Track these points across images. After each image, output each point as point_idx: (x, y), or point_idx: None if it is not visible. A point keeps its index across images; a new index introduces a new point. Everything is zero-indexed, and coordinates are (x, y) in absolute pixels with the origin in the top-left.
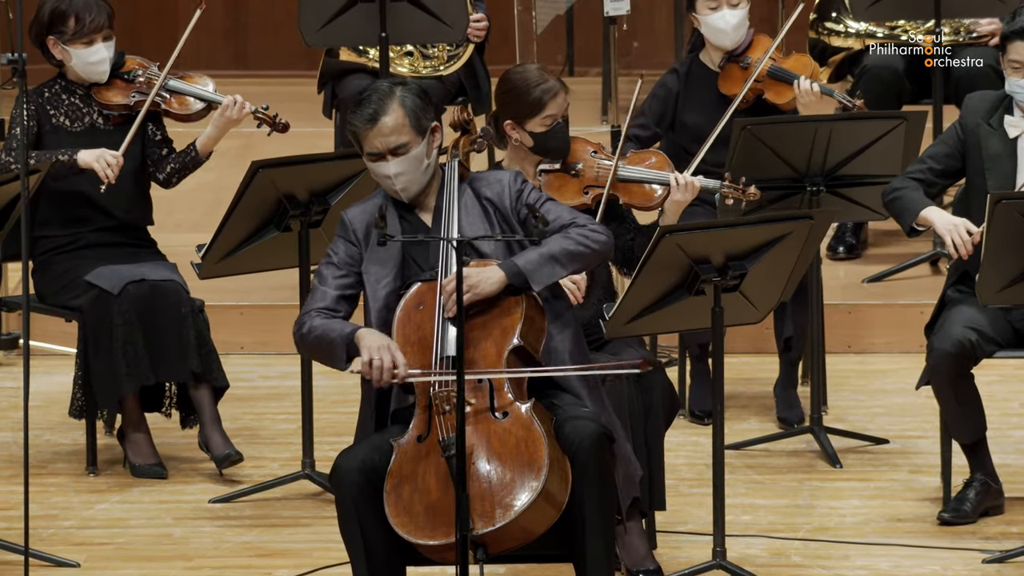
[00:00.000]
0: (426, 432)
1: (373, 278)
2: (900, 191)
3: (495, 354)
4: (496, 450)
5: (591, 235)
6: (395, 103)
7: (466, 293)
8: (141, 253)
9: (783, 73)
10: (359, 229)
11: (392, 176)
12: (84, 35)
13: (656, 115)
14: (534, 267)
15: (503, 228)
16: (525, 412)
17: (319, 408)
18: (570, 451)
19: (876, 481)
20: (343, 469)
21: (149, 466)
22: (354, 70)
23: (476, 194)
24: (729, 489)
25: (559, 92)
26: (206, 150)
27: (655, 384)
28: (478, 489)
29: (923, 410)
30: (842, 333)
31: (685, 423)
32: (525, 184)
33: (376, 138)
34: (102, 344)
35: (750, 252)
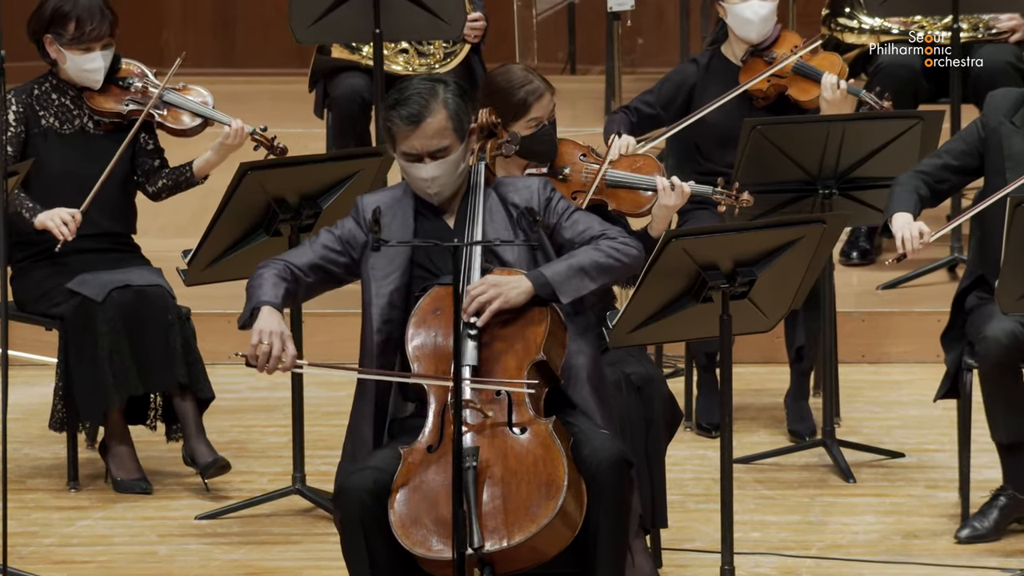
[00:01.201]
0: (438, 442)
1: (380, 273)
2: (899, 187)
3: (515, 367)
4: (512, 467)
5: (622, 247)
6: (439, 104)
7: (492, 301)
8: (124, 259)
9: (809, 70)
10: (370, 216)
11: (429, 179)
12: (83, 42)
13: (665, 97)
14: (562, 279)
15: (527, 236)
16: (545, 429)
17: (310, 420)
18: (588, 473)
19: (891, 497)
20: (352, 489)
21: (133, 481)
22: (347, 68)
23: (502, 199)
24: (738, 505)
25: (544, 93)
26: (203, 173)
27: (656, 395)
28: (491, 506)
29: (940, 422)
30: (856, 342)
31: (692, 436)
32: (554, 192)
33: (417, 139)
34: (86, 354)
35: (760, 257)
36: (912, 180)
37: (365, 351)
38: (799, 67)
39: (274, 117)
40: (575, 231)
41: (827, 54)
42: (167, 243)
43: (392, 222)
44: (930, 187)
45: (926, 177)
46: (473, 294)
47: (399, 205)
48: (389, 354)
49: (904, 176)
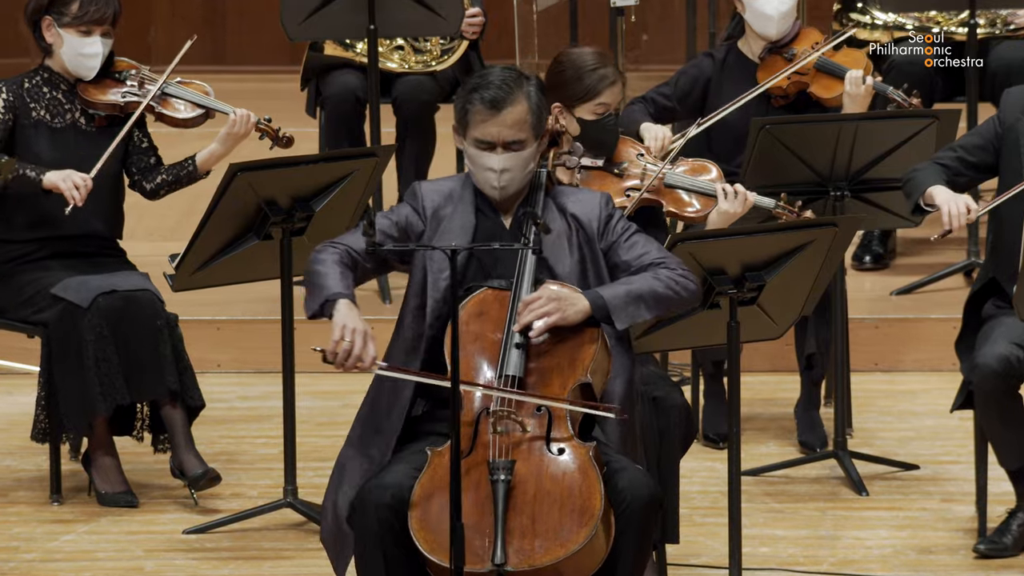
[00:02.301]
0: (469, 449)
1: (436, 267)
2: (917, 171)
3: (559, 386)
4: (547, 487)
5: (681, 280)
6: (522, 94)
7: (550, 315)
8: (109, 263)
9: (833, 66)
10: (429, 206)
11: (497, 171)
12: (84, 23)
13: (681, 91)
14: (620, 304)
15: (583, 251)
16: (586, 454)
17: (302, 431)
18: (619, 507)
19: (905, 510)
20: (370, 506)
21: (118, 494)
22: (340, 65)
23: (560, 208)
24: (746, 519)
25: (616, 81)
26: (206, 167)
27: (671, 406)
28: (519, 523)
29: (956, 433)
30: (868, 350)
31: (699, 447)
32: (615, 210)
33: (495, 126)
34: (70, 361)
35: (769, 262)
36: (931, 166)
37: (403, 342)
38: (822, 64)
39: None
40: (633, 254)
41: (850, 50)
42: (153, 247)
43: (452, 216)
44: (949, 177)
45: (944, 168)
46: (532, 306)
47: (460, 200)
48: (437, 352)
49: (921, 164)
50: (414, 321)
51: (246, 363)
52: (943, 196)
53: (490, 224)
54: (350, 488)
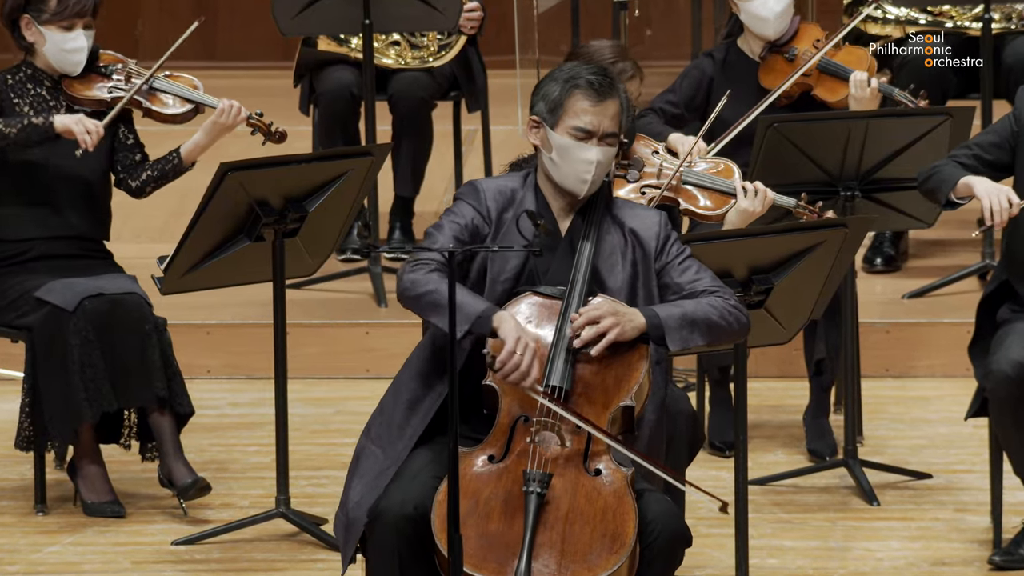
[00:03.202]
0: (502, 455)
1: (496, 268)
2: (938, 167)
3: (602, 404)
4: (581, 507)
5: (735, 312)
6: (618, 91)
7: (610, 330)
8: (96, 265)
9: (836, 67)
10: (493, 208)
11: (593, 163)
12: (65, 17)
13: (686, 96)
14: (675, 325)
15: (637, 267)
16: (624, 481)
17: (295, 439)
18: (647, 537)
19: (918, 521)
20: (389, 515)
21: (104, 504)
22: (334, 61)
23: (619, 223)
24: (753, 529)
25: (635, 76)
26: (191, 158)
27: (678, 413)
28: (549, 540)
29: (970, 441)
30: (880, 355)
31: (705, 455)
32: (673, 232)
33: (597, 116)
34: (56, 367)
35: (777, 264)
36: (950, 163)
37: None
38: (824, 65)
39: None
40: (686, 277)
41: (852, 48)
42: (141, 249)
43: (513, 220)
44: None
45: (961, 167)
46: (592, 316)
47: (522, 203)
48: (477, 352)
49: (938, 161)
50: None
51: (237, 369)
52: (982, 187)
53: (548, 225)
54: (359, 481)
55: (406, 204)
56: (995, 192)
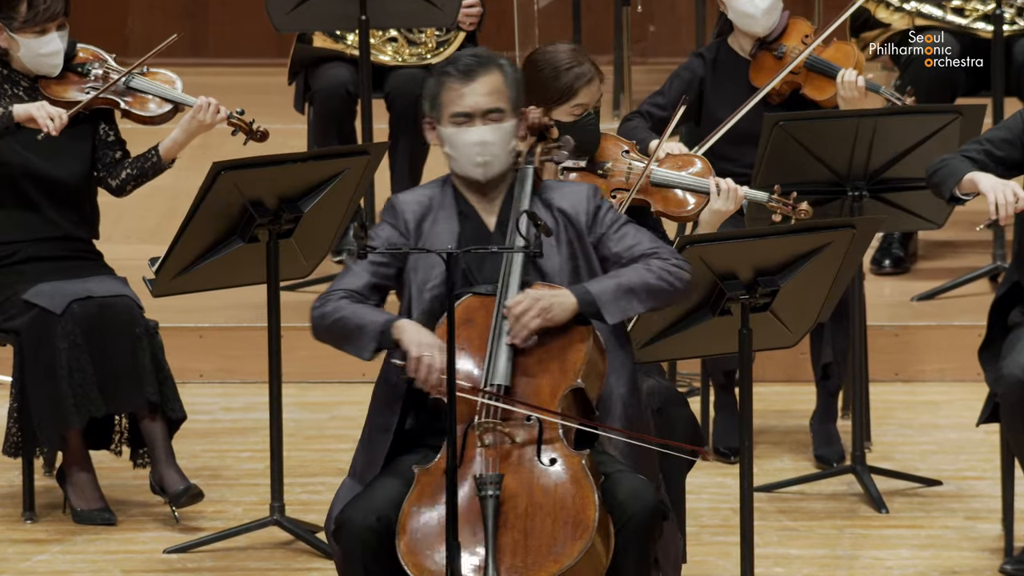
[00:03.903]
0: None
1: (420, 278)
2: (946, 160)
3: (549, 392)
4: (538, 500)
5: (674, 270)
6: (495, 66)
7: (537, 317)
8: (85, 267)
9: (823, 65)
10: (411, 221)
11: (480, 144)
12: (37, 23)
13: (676, 98)
14: (609, 298)
15: (573, 246)
16: (578, 464)
17: (290, 445)
18: (620, 518)
19: (927, 528)
20: (354, 525)
21: (94, 511)
22: (330, 58)
23: (547, 204)
24: (759, 537)
25: (594, 79)
26: (170, 156)
27: (677, 418)
28: (511, 540)
29: (981, 447)
30: (888, 359)
31: (709, 462)
32: (604, 202)
33: (471, 96)
34: (43, 371)
35: (783, 266)
36: (959, 157)
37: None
38: (812, 63)
39: (250, 112)
40: (624, 245)
41: (841, 44)
42: (132, 250)
43: (433, 227)
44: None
45: (971, 162)
46: (515, 311)
47: (440, 206)
48: None
49: (947, 155)
50: None
51: (230, 373)
52: (988, 182)
53: (474, 228)
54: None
55: None
56: (1001, 187)
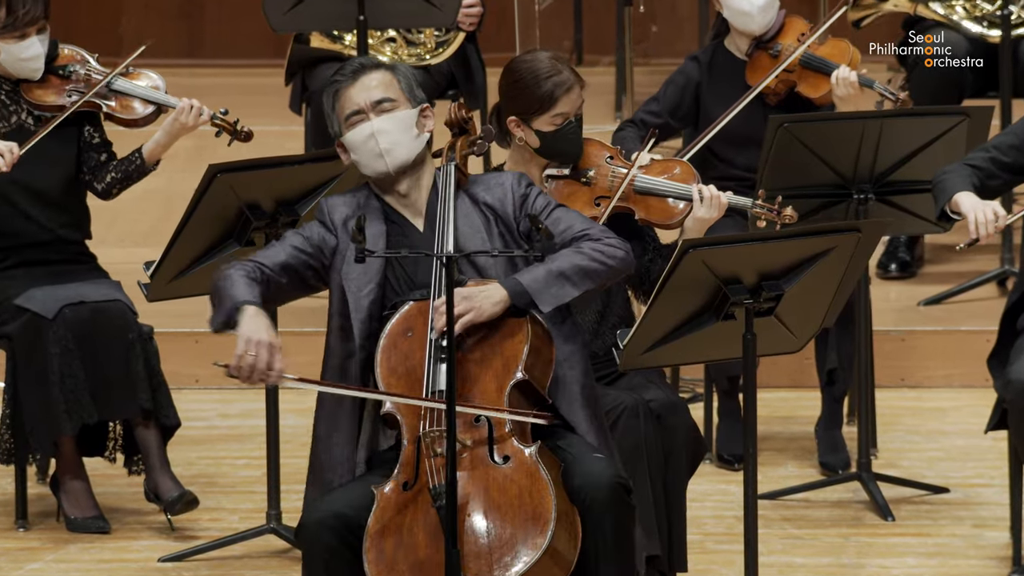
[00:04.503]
0: (413, 478)
1: (354, 285)
2: (947, 173)
3: (495, 390)
4: (496, 501)
5: (606, 249)
6: (383, 67)
7: (463, 315)
8: (78, 271)
9: (818, 62)
10: (337, 219)
11: (375, 133)
12: (17, 28)
13: (671, 104)
14: (541, 286)
15: (505, 239)
16: (529, 457)
17: (286, 451)
18: (582, 503)
19: (934, 537)
20: (313, 525)
21: (88, 519)
22: (328, 59)
23: (473, 199)
24: (763, 546)
25: (574, 87)
26: (153, 158)
27: (678, 425)
28: (473, 546)
29: (989, 454)
30: (894, 364)
31: (712, 469)
32: (531, 188)
33: (359, 92)
34: (35, 377)
35: (787, 270)
36: (962, 169)
37: (333, 368)
38: (807, 59)
39: (246, 113)
40: (557, 229)
41: (836, 40)
42: (127, 253)
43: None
44: (981, 180)
45: (976, 170)
46: (441, 310)
47: (366, 208)
48: (369, 374)
49: (950, 166)
50: (339, 343)
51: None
52: (968, 203)
53: (401, 230)
54: None
55: None
56: (981, 206)
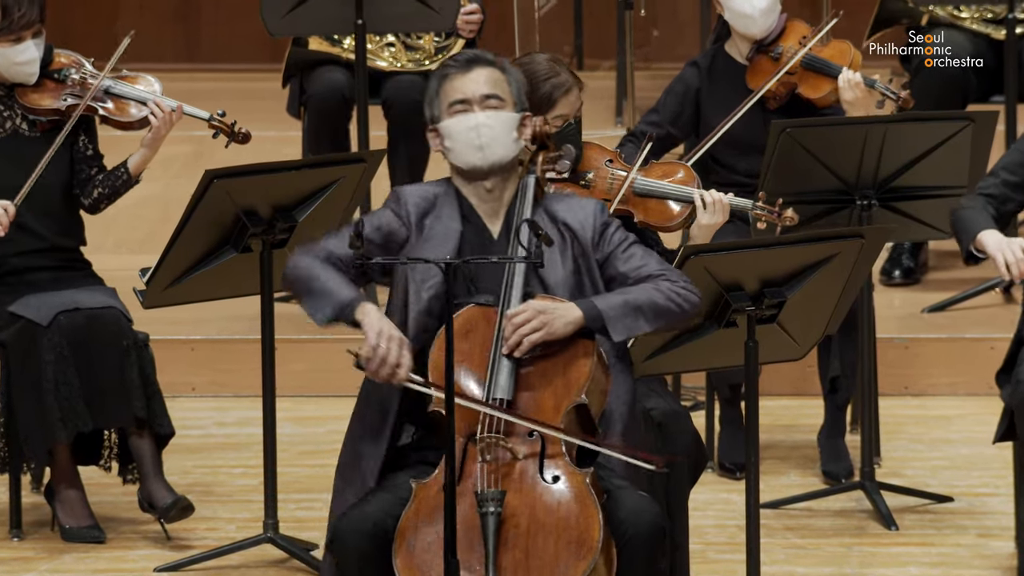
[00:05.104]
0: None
1: (419, 276)
2: (964, 209)
3: (552, 407)
4: (540, 519)
5: (683, 292)
6: (495, 64)
7: (537, 330)
8: (74, 278)
9: (820, 63)
10: (413, 213)
11: (477, 126)
12: (12, 32)
13: (671, 113)
14: (617, 314)
15: (578, 262)
16: (583, 481)
17: (284, 460)
18: (621, 537)
19: (938, 546)
20: (349, 534)
21: (83, 529)
22: (326, 62)
23: (552, 216)
24: (765, 555)
25: (572, 88)
26: (138, 171)
27: (679, 433)
28: (513, 559)
29: (994, 463)
30: (898, 372)
31: (714, 477)
32: (612, 219)
33: (469, 83)
34: (29, 384)
35: (790, 277)
36: (975, 200)
37: None
38: (808, 61)
39: (243, 118)
40: (631, 265)
41: (838, 42)
42: (123, 260)
43: (435, 224)
44: (996, 208)
45: (989, 199)
46: (515, 321)
47: (443, 205)
48: (422, 368)
49: (964, 199)
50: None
51: (223, 386)
52: (994, 244)
53: (476, 232)
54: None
55: None
56: (1006, 245)
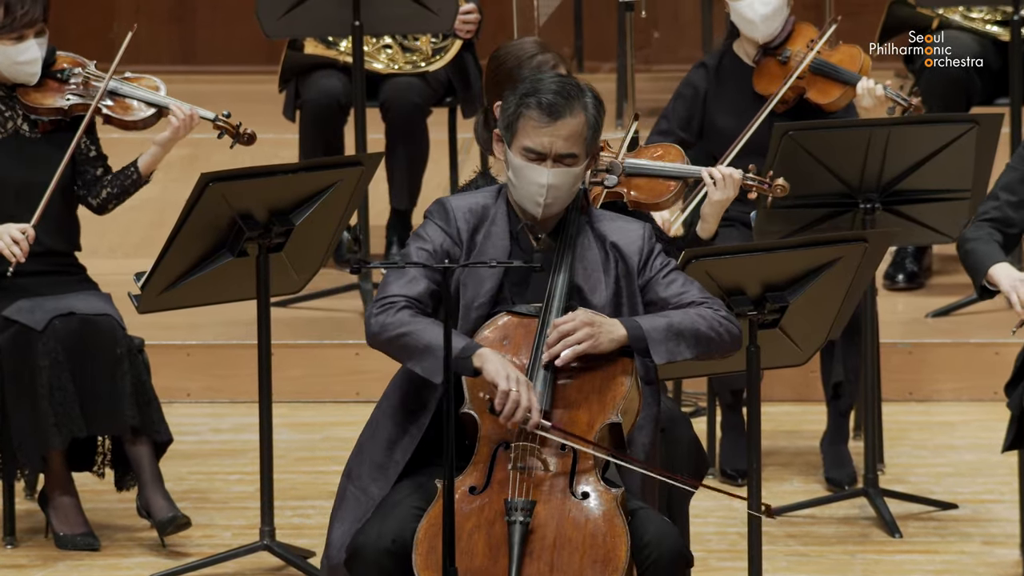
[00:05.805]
0: (483, 485)
1: (470, 293)
2: (971, 243)
3: (586, 423)
4: (567, 534)
5: (725, 323)
6: (580, 106)
7: (582, 342)
8: (69, 283)
9: (829, 68)
10: (464, 229)
11: (545, 186)
12: (15, 29)
13: (681, 119)
14: (660, 336)
15: (620, 283)
16: (613, 501)
17: (280, 466)
18: (644, 562)
19: (943, 554)
20: (369, 551)
21: (78, 536)
22: (322, 66)
23: (599, 236)
24: (767, 563)
25: (557, 66)
26: (149, 170)
27: (680, 440)
28: (536, 570)
29: (999, 469)
30: (902, 378)
31: (716, 484)
32: (658, 244)
33: (548, 136)
34: (24, 390)
35: (792, 281)
36: (980, 230)
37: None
38: (817, 66)
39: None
40: (671, 291)
41: (847, 47)
42: (117, 264)
43: (487, 240)
44: (1002, 232)
45: (993, 224)
46: (563, 329)
47: (493, 221)
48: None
49: (969, 231)
50: None
51: (219, 392)
52: (1006, 281)
53: (518, 245)
54: (341, 525)
55: (402, 217)
56: (1019, 282)
